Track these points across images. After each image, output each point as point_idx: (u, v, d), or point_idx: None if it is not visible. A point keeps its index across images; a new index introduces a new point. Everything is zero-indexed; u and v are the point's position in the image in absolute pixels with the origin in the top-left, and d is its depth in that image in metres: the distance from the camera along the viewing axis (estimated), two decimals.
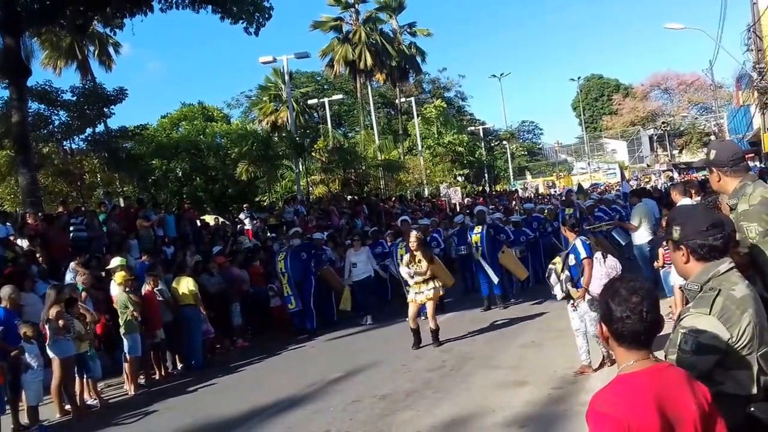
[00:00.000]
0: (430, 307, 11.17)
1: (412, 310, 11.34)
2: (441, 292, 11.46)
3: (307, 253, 14.58)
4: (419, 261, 11.21)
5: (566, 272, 8.31)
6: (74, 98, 22.72)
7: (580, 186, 39.65)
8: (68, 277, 12.36)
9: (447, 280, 15.03)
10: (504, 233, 15.42)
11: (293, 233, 15.72)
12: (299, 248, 14.54)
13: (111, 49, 33.64)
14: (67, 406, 9.90)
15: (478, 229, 14.37)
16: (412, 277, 11.26)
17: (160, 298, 11.93)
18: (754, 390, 2.84)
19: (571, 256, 8.36)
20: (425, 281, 11.18)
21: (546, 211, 18.93)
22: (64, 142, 23.63)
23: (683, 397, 2.38)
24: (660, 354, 2.67)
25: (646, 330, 2.42)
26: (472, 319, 13.29)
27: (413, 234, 11.71)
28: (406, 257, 11.46)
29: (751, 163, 23.08)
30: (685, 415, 2.35)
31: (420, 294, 11.18)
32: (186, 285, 12.50)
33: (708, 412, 2.41)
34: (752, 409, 2.81)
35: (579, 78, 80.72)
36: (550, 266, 8.66)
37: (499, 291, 14.15)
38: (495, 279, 13.99)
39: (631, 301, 2.41)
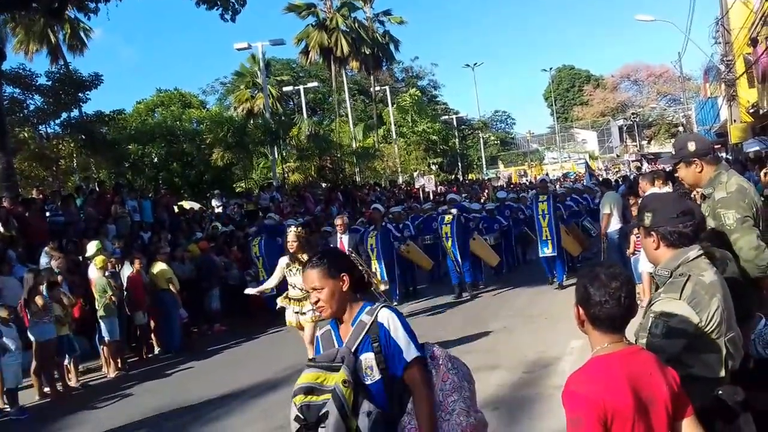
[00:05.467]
0: (309, 331, 8.26)
1: (306, 334, 8.40)
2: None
3: (282, 239, 14.62)
4: (299, 265, 8.04)
5: (367, 406, 3.06)
6: (49, 83, 22.52)
7: (547, 177, 40.05)
8: (43, 261, 12.35)
9: (425, 263, 15.27)
10: (473, 220, 15.41)
11: (268, 218, 15.76)
12: (273, 233, 14.55)
13: (82, 35, 33.22)
14: (46, 389, 9.98)
15: (448, 218, 14.15)
16: (293, 287, 8.41)
17: (147, 281, 12.09)
18: (722, 373, 2.93)
19: (365, 359, 3.16)
20: (306, 299, 7.94)
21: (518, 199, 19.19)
22: (40, 127, 23.40)
23: (655, 379, 2.46)
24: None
25: (622, 315, 2.48)
26: (445, 305, 13.50)
27: (291, 231, 8.59)
28: (285, 260, 8.59)
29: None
30: (658, 395, 2.44)
31: (303, 314, 8.37)
32: (161, 270, 12.61)
33: (677, 392, 2.51)
34: (719, 392, 2.90)
35: (551, 68, 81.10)
36: (304, 400, 3.06)
37: (470, 279, 14.17)
38: (459, 268, 13.89)
39: (610, 286, 2.47)
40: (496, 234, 16.03)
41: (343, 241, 11.93)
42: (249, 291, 9.84)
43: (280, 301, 8.76)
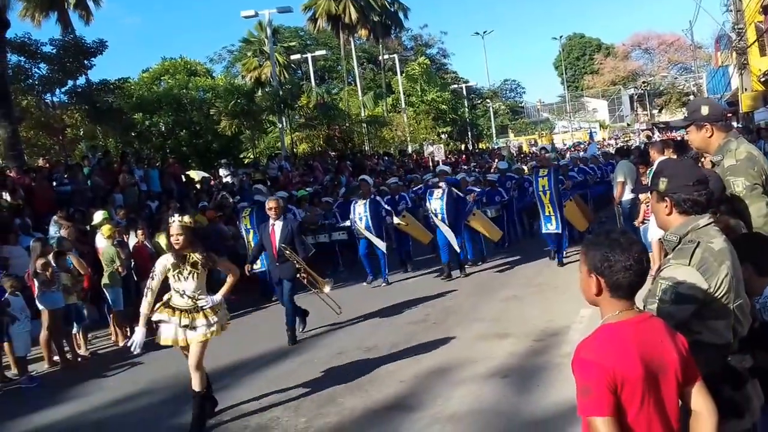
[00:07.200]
0: (195, 353, 6.61)
1: (192, 356, 6.66)
2: (219, 332, 6.80)
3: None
4: (190, 267, 6.73)
5: None
6: (54, 51, 22.41)
7: (553, 146, 39.83)
8: (51, 231, 12.37)
9: (422, 236, 14.91)
10: (469, 194, 14.40)
11: (256, 192, 15.54)
12: (263, 207, 14.29)
13: (90, 2, 32.95)
14: (56, 357, 10.02)
15: (438, 193, 13.19)
16: (181, 295, 6.68)
17: (152, 251, 12.08)
18: (731, 340, 2.93)
19: None
20: (197, 311, 6.64)
21: (526, 170, 18.95)
22: (45, 95, 23.34)
23: (665, 346, 2.45)
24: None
25: (640, 281, 2.48)
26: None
27: (175, 222, 6.66)
28: (168, 260, 6.77)
29: None
30: (668, 362, 2.43)
31: (190, 330, 6.60)
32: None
33: (687, 358, 2.50)
34: (729, 359, 2.91)
35: (561, 37, 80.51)
36: None
37: (471, 256, 13.77)
38: (456, 246, 13.00)
39: (632, 251, 2.45)
40: (498, 206, 15.57)
41: (275, 228, 9.96)
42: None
43: (158, 313, 6.68)
